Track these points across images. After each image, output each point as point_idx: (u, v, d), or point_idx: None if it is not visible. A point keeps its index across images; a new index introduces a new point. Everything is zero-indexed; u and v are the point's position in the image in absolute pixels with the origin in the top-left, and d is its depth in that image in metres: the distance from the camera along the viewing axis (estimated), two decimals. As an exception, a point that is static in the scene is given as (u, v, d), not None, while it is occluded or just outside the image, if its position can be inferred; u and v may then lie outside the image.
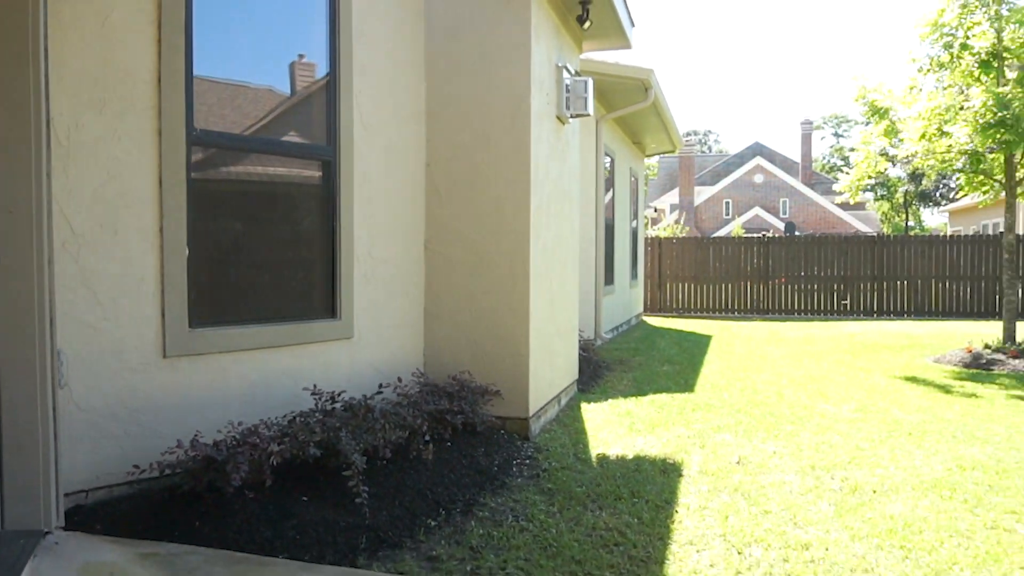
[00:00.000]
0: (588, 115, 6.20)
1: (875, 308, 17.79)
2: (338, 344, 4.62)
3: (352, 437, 3.73)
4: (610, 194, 11.78)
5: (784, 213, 46.97)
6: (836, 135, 68.58)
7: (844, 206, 47.28)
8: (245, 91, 4.31)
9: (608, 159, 11.40)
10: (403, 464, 4.04)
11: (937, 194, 53.04)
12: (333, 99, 4.55)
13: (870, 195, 57.11)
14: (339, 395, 4.13)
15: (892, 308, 17.68)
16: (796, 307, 18.15)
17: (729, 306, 18.51)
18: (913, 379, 8.37)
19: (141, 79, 3.67)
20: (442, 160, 5.31)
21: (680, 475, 4.45)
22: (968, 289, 17.32)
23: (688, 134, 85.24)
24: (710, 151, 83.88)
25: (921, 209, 58.30)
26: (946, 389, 7.74)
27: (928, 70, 9.73)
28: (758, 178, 48.42)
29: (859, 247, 18.03)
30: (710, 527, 3.60)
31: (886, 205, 58.37)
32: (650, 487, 4.19)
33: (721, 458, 4.81)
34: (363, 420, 3.94)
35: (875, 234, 20.87)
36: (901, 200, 55.37)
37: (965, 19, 9.24)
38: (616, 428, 5.61)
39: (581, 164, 7.85)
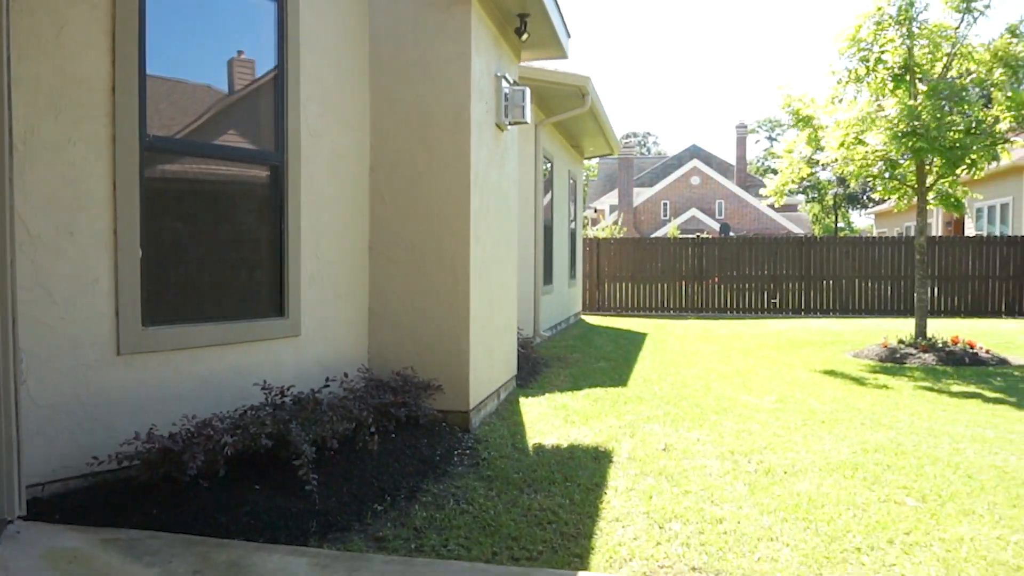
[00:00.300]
0: (526, 123, 6.51)
1: (803, 306, 18.60)
2: (286, 341, 4.82)
3: (302, 428, 3.95)
4: (549, 196, 12.13)
5: (720, 214, 48.24)
6: (770, 139, 70.69)
7: (777, 208, 48.94)
8: (197, 98, 4.48)
9: (547, 162, 11.75)
10: (350, 454, 4.27)
11: (864, 197, 55.19)
12: (281, 107, 4.75)
13: (802, 197, 59.12)
14: (288, 389, 4.33)
15: (819, 306, 18.52)
16: (729, 306, 18.85)
17: (665, 305, 19.10)
18: (832, 372, 8.92)
19: (96, 87, 3.82)
20: (386, 165, 5.54)
21: (610, 461, 4.78)
22: (889, 288, 18.27)
23: (627, 136, 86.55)
24: (649, 152, 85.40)
25: (850, 211, 60.53)
26: (860, 381, 8.29)
27: (847, 82, 10.32)
28: (695, 180, 49.60)
29: (788, 248, 18.82)
30: (635, 506, 3.93)
31: (817, 207, 60.30)
32: (582, 472, 4.51)
33: (649, 446, 5.16)
34: (312, 413, 4.16)
35: (803, 235, 21.74)
36: (831, 202, 57.38)
37: (879, 36, 9.85)
38: (552, 420, 5.93)
39: (520, 168, 8.15)
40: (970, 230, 25.05)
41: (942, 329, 11.68)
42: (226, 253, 4.59)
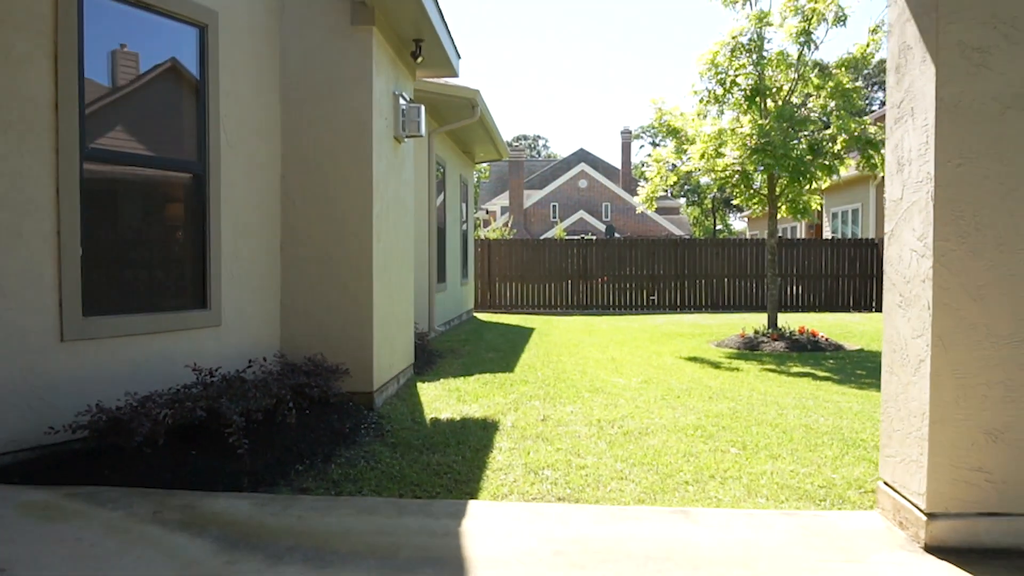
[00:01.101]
0: (421, 136, 7.26)
1: (679, 303, 20.11)
2: (209, 330, 5.40)
3: (231, 403, 4.58)
4: (442, 199, 12.90)
5: (606, 216, 50.20)
6: (653, 144, 73.85)
7: (659, 211, 51.48)
8: (130, 114, 5.01)
9: (440, 168, 12.51)
10: (272, 427, 4.91)
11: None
12: (203, 121, 5.33)
13: (683, 200, 62.23)
14: (216, 371, 4.93)
15: (693, 303, 20.07)
16: (612, 303, 20.14)
17: (553, 303, 20.21)
18: (694, 359, 10.10)
19: (41, 104, 4.33)
20: (296, 173, 6.17)
21: (496, 429, 5.61)
22: (754, 285, 20.02)
23: (518, 139, 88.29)
24: (539, 155, 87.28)
25: (728, 215, 64.03)
26: (716, 365, 9.49)
27: (707, 101, 11.59)
28: (582, 183, 51.41)
29: (665, 249, 20.30)
30: (516, 460, 4.77)
31: (697, 210, 63.43)
32: (472, 438, 5.32)
33: (529, 417, 6.02)
34: (238, 390, 4.79)
35: (678, 237, 23.37)
36: (710, 206, 60.62)
37: (734, 61, 11.16)
38: (447, 400, 6.71)
39: (415, 173, 8.89)
40: (828, 233, 27.47)
41: (795, 321, 13.18)
42: (156, 251, 5.15)
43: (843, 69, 11.13)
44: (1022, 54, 3.04)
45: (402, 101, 6.95)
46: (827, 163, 11.09)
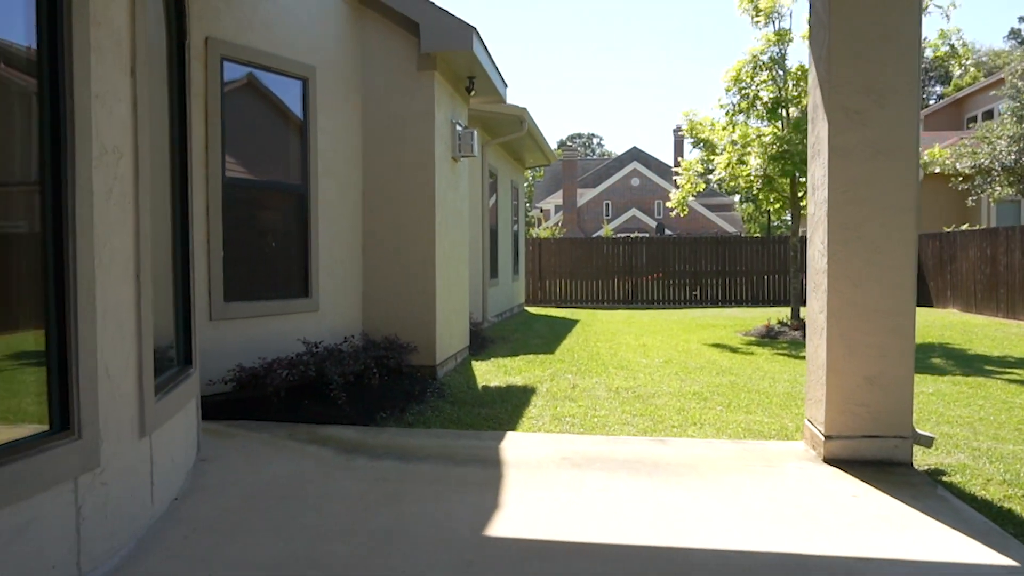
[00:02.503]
0: (474, 156, 8.76)
1: (720, 298, 21.24)
2: (310, 314, 6.98)
3: (332, 367, 6.14)
4: (493, 203, 14.40)
5: (658, 214, 51.07)
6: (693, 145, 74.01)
7: (712, 207, 52.20)
8: (254, 149, 6.63)
9: (492, 175, 14.01)
10: (360, 387, 6.46)
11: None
12: (306, 152, 6.91)
13: (737, 197, 62.61)
14: (319, 344, 6.51)
15: (734, 297, 21.18)
16: (656, 298, 21.38)
17: (600, 298, 21.55)
18: (717, 345, 11.38)
19: (196, 144, 5.94)
20: (374, 190, 7.72)
21: (534, 393, 7.06)
22: (792, 281, 20.97)
23: (572, 137, 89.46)
24: (593, 154, 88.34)
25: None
26: (734, 350, 10.76)
27: (732, 114, 12.81)
28: (635, 182, 52.42)
29: (708, 246, 21.45)
30: (546, 412, 6.22)
31: (751, 206, 63.50)
32: (514, 399, 6.79)
33: (562, 385, 7.47)
34: (337, 358, 6.35)
35: (720, 235, 24.42)
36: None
37: (755, 76, 12.36)
38: (495, 373, 8.20)
39: (470, 183, 10.38)
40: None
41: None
42: (273, 253, 6.76)
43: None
44: (887, 115, 4.35)
45: (458, 127, 8.45)
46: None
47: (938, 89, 56.46)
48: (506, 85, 9.65)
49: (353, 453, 4.68)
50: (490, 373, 8.23)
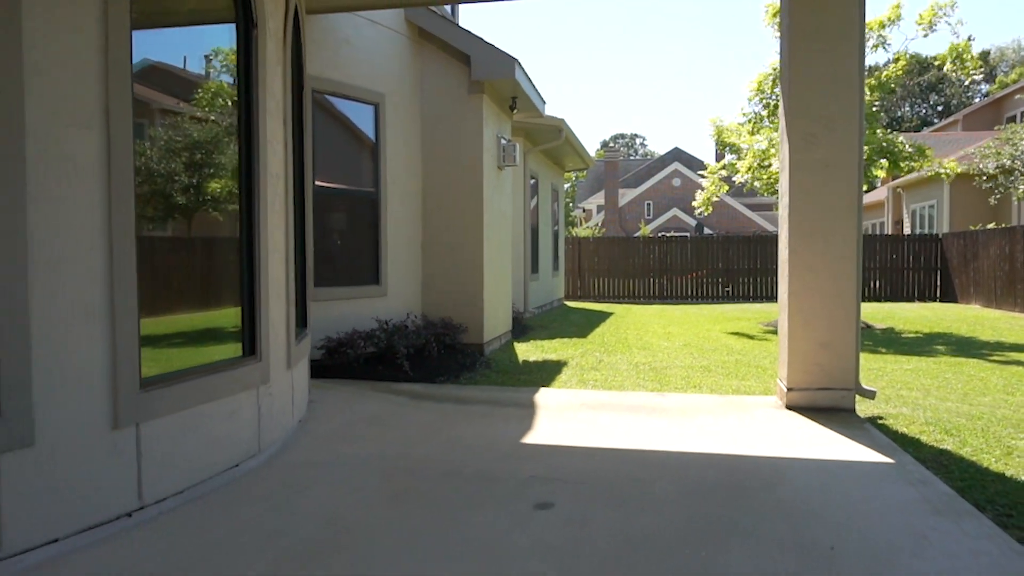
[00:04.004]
0: (516, 165, 10.14)
1: (752, 294, 22.28)
2: (379, 298, 8.44)
3: (399, 340, 7.58)
4: (535, 204, 15.77)
5: (699, 213, 51.80)
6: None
7: (752, 207, 52.82)
8: (337, 162, 8.11)
9: (533, 179, 15.39)
10: (422, 357, 7.89)
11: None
12: (377, 165, 8.37)
13: (776, 197, 62.93)
14: (388, 322, 7.97)
15: (765, 294, 22.19)
16: (690, 294, 22.51)
17: (636, 293, 22.77)
18: (736, 333, 12.58)
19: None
20: (432, 196, 9.15)
21: (566, 365, 8.42)
22: (820, 277, 21.91)
23: (615, 138, 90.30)
24: (636, 153, 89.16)
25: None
26: (751, 337, 11.96)
27: (753, 122, 13.99)
28: (676, 182, 53.22)
29: (740, 244, 22.51)
30: (573, 377, 7.57)
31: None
32: (548, 369, 8.15)
33: (589, 360, 8.81)
34: (403, 333, 7.80)
35: (752, 234, 25.39)
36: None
37: (776, 88, 13.51)
38: (533, 351, 9.58)
39: (513, 186, 11.76)
40: (907, 228, 28.78)
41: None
42: (352, 247, 8.24)
43: (871, 92, 13.29)
44: (835, 137, 5.61)
45: (503, 141, 9.84)
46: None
47: (984, 88, 56.19)
48: (544, 102, 11.01)
49: (421, 399, 6.11)
50: (529, 351, 9.62)
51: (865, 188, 13.54)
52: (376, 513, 3.49)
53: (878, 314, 15.69)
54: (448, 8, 10.47)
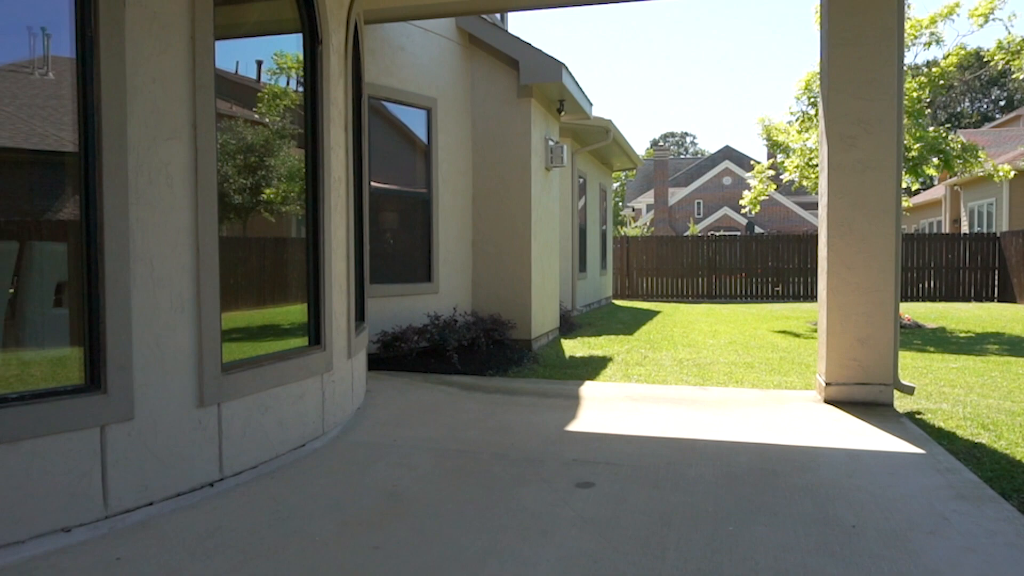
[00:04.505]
0: (564, 166, 10.41)
1: (802, 293, 22.14)
2: (431, 295, 8.80)
3: (450, 335, 7.93)
4: (582, 204, 16.00)
5: (750, 212, 51.33)
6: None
7: (805, 206, 52.09)
8: (391, 163, 8.50)
9: (581, 179, 15.63)
10: (472, 352, 8.22)
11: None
12: (429, 166, 8.73)
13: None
14: (439, 318, 8.32)
15: (815, 293, 22.02)
16: (739, 293, 22.48)
17: (685, 292, 22.82)
18: (784, 331, 12.64)
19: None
20: (481, 196, 9.48)
21: (611, 361, 8.67)
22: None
23: (665, 136, 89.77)
24: (687, 152, 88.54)
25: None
26: (797, 335, 12.02)
27: (801, 120, 14.00)
28: (726, 180, 52.78)
29: (789, 243, 22.40)
30: (618, 372, 7.82)
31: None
32: (594, 364, 8.41)
33: (634, 356, 9.04)
34: (453, 328, 8.14)
35: (802, 233, 25.18)
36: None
37: (822, 87, 13.50)
38: (580, 347, 9.84)
39: (560, 187, 12.03)
40: (965, 227, 28.17)
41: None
42: (405, 246, 8.62)
43: (923, 89, 13.19)
44: (873, 139, 5.76)
45: (550, 142, 10.13)
46: (909, 166, 13.20)
47: (1050, 81, 54.30)
48: (591, 104, 11.26)
49: (471, 390, 6.44)
50: (576, 347, 9.88)
51: (919, 187, 13.44)
52: (431, 488, 3.82)
53: (930, 313, 15.54)
54: (497, 15, 10.79)
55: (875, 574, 2.82)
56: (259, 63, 4.78)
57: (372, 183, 8.08)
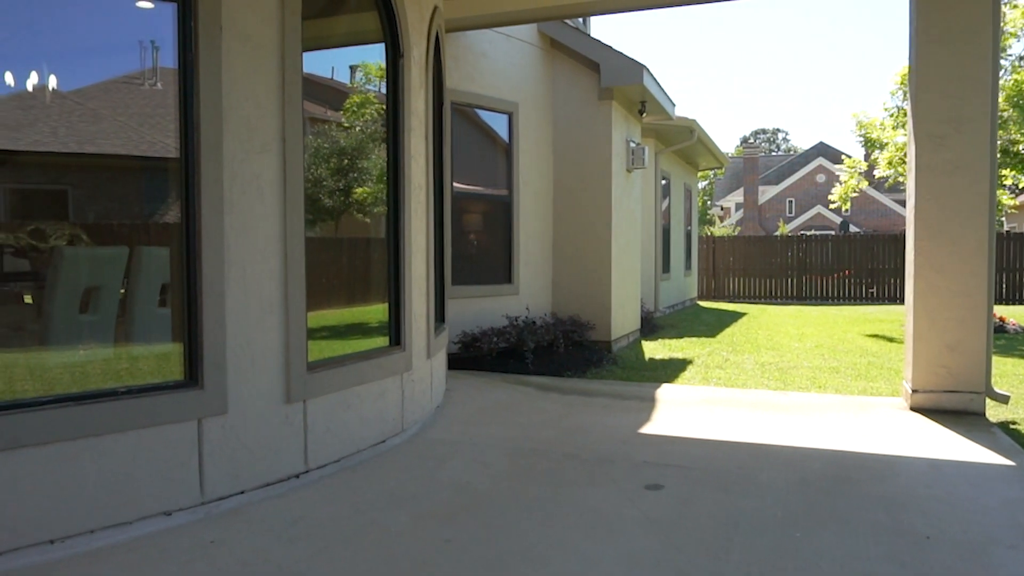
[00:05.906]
0: (645, 168, 10.39)
1: (898, 295, 21.26)
2: (511, 296, 8.95)
3: (529, 336, 8.05)
4: (666, 205, 15.87)
5: (845, 211, 49.53)
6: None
7: (903, 203, 49.94)
8: (474, 167, 8.69)
9: (664, 179, 15.50)
10: (550, 353, 8.32)
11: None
12: (511, 169, 8.88)
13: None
14: (518, 319, 8.46)
15: (912, 295, 21.13)
16: (830, 294, 21.78)
17: (773, 294, 22.28)
18: (875, 335, 12.23)
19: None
20: (561, 198, 9.57)
21: (691, 363, 8.62)
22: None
23: (756, 133, 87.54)
24: (779, 149, 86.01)
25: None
26: (890, 339, 11.61)
27: (895, 116, 13.51)
28: (820, 178, 51.07)
29: (883, 244, 21.57)
30: (697, 375, 7.77)
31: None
32: (673, 366, 8.38)
33: (716, 359, 8.95)
34: (532, 330, 8.26)
35: (897, 233, 24.17)
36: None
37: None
38: (660, 349, 9.81)
39: (643, 187, 11.99)
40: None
41: (1000, 310, 14.51)
42: (486, 248, 8.80)
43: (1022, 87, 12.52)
44: (963, 139, 5.57)
45: (632, 144, 10.12)
46: (1015, 162, 12.57)
47: None
48: (674, 104, 11.18)
49: (547, 391, 6.55)
50: (656, 350, 9.85)
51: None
52: (503, 485, 3.95)
53: (1015, 314, 14.69)
54: (580, 19, 10.85)
55: (945, 586, 2.78)
56: (344, 71, 5.03)
57: (455, 185, 8.29)
